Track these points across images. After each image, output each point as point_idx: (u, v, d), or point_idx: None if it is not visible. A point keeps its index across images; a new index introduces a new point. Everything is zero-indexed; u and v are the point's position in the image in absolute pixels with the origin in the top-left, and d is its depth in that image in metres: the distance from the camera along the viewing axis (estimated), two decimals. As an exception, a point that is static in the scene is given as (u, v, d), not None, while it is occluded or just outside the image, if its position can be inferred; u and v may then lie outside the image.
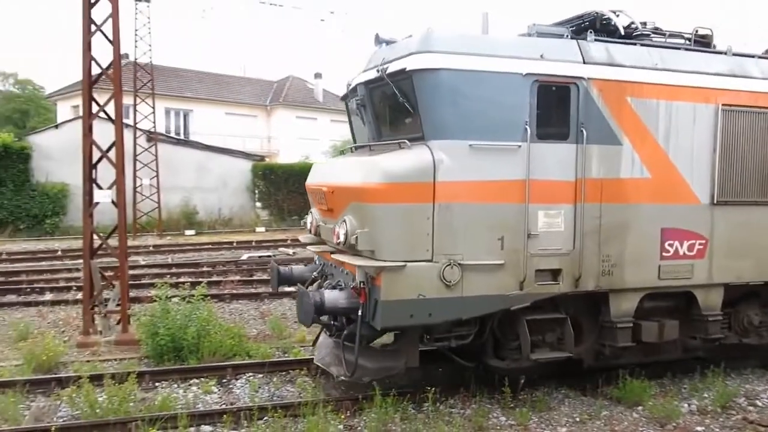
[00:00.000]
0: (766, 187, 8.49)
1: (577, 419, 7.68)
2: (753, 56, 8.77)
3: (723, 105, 8.14)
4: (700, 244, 8.15)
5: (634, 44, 8.06)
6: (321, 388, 8.34)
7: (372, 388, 7.41)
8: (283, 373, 9.02)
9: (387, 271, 6.85)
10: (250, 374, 8.93)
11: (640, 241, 7.84)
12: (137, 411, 7.43)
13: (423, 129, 7.15)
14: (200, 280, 15.52)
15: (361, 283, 7.08)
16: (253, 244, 25.68)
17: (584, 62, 7.58)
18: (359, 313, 7.09)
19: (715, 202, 8.18)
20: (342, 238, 7.30)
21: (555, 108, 7.47)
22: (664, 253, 7.97)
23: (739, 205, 8.36)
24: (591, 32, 7.86)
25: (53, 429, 6.52)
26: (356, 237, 7.09)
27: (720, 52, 8.56)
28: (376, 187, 6.93)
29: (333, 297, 7.36)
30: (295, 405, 7.50)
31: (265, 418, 7.08)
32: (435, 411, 7.51)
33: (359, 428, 7.27)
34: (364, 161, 7.46)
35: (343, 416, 7.31)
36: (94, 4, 10.95)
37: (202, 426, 7.19)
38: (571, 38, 7.81)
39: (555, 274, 7.52)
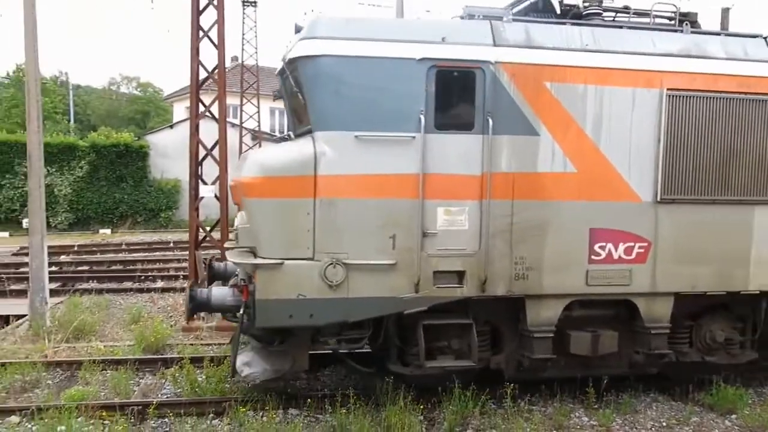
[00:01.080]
0: (729, 183, 7.40)
1: (664, 424, 7.46)
2: (719, 34, 7.75)
3: (669, 89, 7.21)
4: (640, 247, 7.27)
5: (564, 23, 7.32)
6: (403, 379, 8.55)
7: (452, 381, 7.51)
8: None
9: (262, 268, 6.59)
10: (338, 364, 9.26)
11: (563, 243, 7.08)
12: (231, 392, 7.95)
13: (311, 119, 6.86)
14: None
15: (242, 281, 7.00)
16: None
17: (495, 44, 6.91)
18: (241, 311, 6.92)
19: (658, 199, 7.27)
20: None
21: (457, 95, 6.89)
22: (593, 257, 7.16)
23: (692, 204, 7.36)
24: (509, 11, 7.28)
25: (155, 403, 7.12)
26: (237, 233, 6.91)
27: (676, 30, 7.62)
28: (252, 181, 6.72)
29: (220, 294, 7.28)
30: (377, 394, 7.75)
31: (348, 405, 7.38)
32: (515, 407, 7.52)
33: (438, 420, 7.43)
34: (251, 154, 7.26)
35: (422, 407, 7.48)
36: (203, 11, 11.72)
37: (290, 409, 7.61)
38: (485, 18, 7.14)
39: (459, 276, 6.94)
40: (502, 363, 7.68)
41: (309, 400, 7.57)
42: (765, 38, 7.77)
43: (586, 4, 7.76)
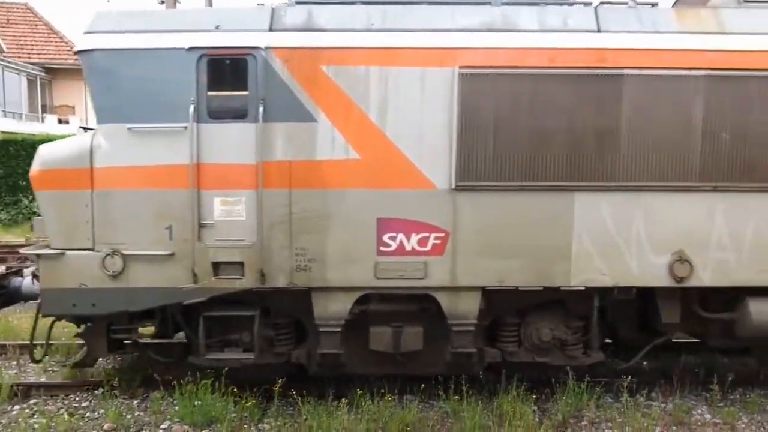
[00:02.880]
0: (540, 168, 6.73)
1: (797, 426, 7.06)
2: (537, 4, 7.03)
3: (462, 67, 6.63)
4: (436, 238, 6.81)
5: (353, 3, 6.97)
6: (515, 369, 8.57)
7: (566, 374, 7.47)
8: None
9: (44, 258, 6.87)
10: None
11: (348, 234, 6.80)
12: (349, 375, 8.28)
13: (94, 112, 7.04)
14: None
15: (37, 270, 7.23)
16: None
17: (270, 30, 6.75)
18: (39, 300, 7.19)
19: (454, 187, 6.74)
20: None
21: (229, 84, 6.82)
22: (382, 248, 6.82)
23: (494, 191, 6.77)
24: None
25: (280, 383, 7.57)
26: (32, 224, 7.23)
27: (484, 3, 7.02)
28: (34, 174, 6.97)
29: (28, 282, 7.58)
30: (490, 384, 7.85)
31: (461, 391, 7.52)
32: (632, 401, 7.35)
33: (552, 411, 7.43)
34: (39, 147, 7.42)
35: (536, 397, 7.48)
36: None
37: (405, 395, 7.85)
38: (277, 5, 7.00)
39: (241, 267, 6.87)
40: (302, 357, 7.53)
41: (423, 385, 7.80)
42: (596, 7, 7.02)
43: None
